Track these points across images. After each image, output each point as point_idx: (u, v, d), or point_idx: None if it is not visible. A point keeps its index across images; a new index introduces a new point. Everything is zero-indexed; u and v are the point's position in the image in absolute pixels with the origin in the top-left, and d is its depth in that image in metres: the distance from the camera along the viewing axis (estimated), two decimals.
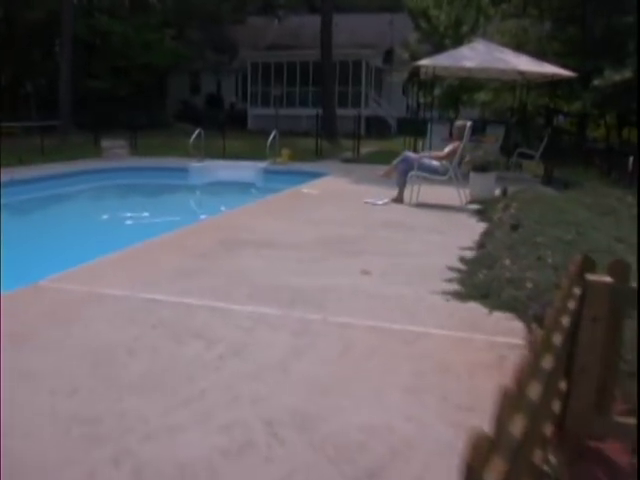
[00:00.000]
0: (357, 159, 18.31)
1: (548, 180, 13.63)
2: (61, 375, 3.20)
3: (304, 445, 2.61)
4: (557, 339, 2.04)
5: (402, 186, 9.49)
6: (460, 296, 4.69)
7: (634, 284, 2.62)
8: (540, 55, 19.49)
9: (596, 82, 18.20)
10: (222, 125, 20.77)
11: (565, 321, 2.26)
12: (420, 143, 16.02)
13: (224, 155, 18.06)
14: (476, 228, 7.57)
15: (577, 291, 2.52)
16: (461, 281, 5.06)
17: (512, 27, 24.84)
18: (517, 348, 3.64)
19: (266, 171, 15.32)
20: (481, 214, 8.70)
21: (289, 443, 2.62)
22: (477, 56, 13.17)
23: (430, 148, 14.42)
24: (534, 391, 1.56)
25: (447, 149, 9.49)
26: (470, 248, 6.33)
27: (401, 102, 34.38)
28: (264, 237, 6.70)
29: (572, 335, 2.51)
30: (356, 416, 2.88)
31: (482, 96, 23.99)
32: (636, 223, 10.42)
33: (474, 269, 5.36)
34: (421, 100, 19.14)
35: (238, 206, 10.34)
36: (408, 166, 9.41)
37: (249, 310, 4.27)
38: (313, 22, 32.69)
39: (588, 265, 2.63)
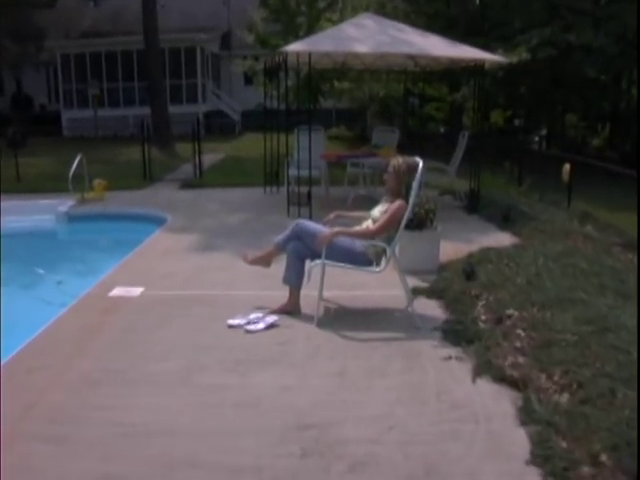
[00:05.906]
0: (200, 181, 13.71)
1: (474, 206, 9.73)
2: None
3: None
4: None
5: (297, 285, 5.04)
6: None
7: None
8: None
9: (487, 65, 14.56)
10: (13, 139, 15.23)
11: None
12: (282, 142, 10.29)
13: (18, 185, 13.02)
14: (499, 431, 3.35)
15: None
16: None
17: (369, 1, 21.13)
18: None
19: (71, 217, 10.38)
20: (458, 341, 4.53)
21: None
22: (369, 36, 8.87)
23: (302, 157, 8.97)
24: None
25: (377, 212, 5.04)
26: None
27: (245, 93, 29.71)
28: None
29: None
30: None
31: (345, 85, 20.10)
32: None
33: None
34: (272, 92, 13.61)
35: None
36: (304, 249, 4.98)
37: None
38: (137, 3, 27.23)
39: None
